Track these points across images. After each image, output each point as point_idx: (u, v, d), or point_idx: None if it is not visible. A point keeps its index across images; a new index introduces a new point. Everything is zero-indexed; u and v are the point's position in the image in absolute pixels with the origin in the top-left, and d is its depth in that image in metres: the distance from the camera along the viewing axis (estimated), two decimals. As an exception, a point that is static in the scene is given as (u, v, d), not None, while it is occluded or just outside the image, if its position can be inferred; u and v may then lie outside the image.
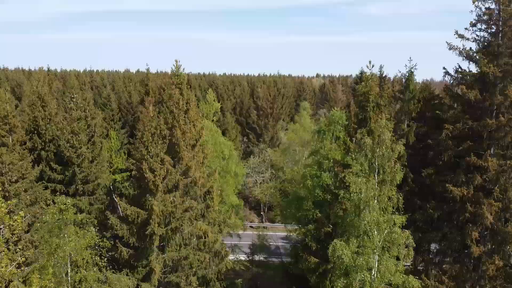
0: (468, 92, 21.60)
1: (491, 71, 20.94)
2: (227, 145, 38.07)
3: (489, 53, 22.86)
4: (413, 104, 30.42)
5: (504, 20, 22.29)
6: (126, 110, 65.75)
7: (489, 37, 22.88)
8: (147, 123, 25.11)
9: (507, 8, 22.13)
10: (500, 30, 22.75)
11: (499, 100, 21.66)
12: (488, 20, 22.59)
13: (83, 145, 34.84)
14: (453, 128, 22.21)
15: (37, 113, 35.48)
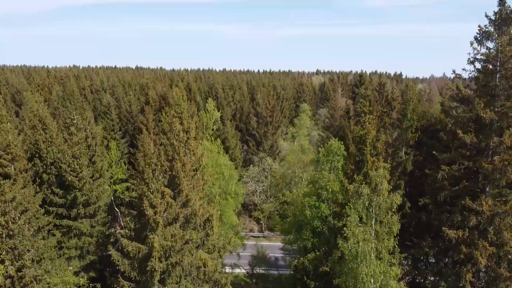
0: (464, 136, 21.85)
1: (487, 116, 21.18)
2: (227, 166, 38.40)
3: (486, 93, 23.08)
4: (411, 132, 30.65)
5: (502, 62, 22.46)
6: (126, 119, 65.98)
7: (486, 77, 23.06)
8: (148, 159, 25.34)
9: (505, 49, 22.28)
10: (497, 70, 22.94)
11: (495, 143, 21.92)
12: (485, 61, 22.74)
13: (84, 169, 35.16)
14: (449, 169, 22.48)
15: (38, 136, 35.71)
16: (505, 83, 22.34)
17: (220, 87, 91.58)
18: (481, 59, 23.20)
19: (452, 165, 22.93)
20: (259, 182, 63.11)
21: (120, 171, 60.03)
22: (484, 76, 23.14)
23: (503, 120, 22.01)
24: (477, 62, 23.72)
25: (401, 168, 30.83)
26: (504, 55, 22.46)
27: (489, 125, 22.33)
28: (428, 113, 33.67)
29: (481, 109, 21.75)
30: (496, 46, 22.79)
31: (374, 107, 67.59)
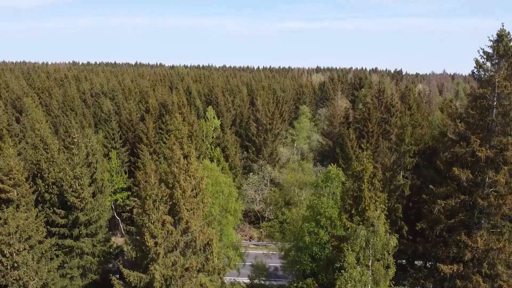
0: (460, 173, 22.19)
1: (483, 155, 21.51)
2: (226, 183, 38.75)
3: (483, 127, 23.38)
4: (409, 156, 30.99)
5: (499, 98, 22.75)
6: (126, 127, 66.26)
7: (483, 112, 23.35)
8: (149, 191, 25.72)
9: (502, 85, 22.55)
10: (494, 105, 23.23)
11: (490, 178, 22.27)
12: (482, 97, 23.02)
13: (85, 189, 35.54)
14: (445, 203, 22.87)
15: (39, 156, 36.05)
16: (502, 120, 22.65)
17: (220, 91, 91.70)
18: (477, 95, 23.46)
19: (448, 199, 23.30)
20: (259, 190, 63.67)
21: (120, 180, 60.44)
22: (481, 112, 23.43)
23: (499, 156, 22.34)
24: (475, 96, 23.95)
25: (399, 191, 31.24)
26: (501, 90, 22.72)
27: (485, 161, 22.68)
28: (426, 136, 33.95)
29: (477, 147, 22.08)
30: (493, 81, 23.04)
31: (373, 115, 68.04)
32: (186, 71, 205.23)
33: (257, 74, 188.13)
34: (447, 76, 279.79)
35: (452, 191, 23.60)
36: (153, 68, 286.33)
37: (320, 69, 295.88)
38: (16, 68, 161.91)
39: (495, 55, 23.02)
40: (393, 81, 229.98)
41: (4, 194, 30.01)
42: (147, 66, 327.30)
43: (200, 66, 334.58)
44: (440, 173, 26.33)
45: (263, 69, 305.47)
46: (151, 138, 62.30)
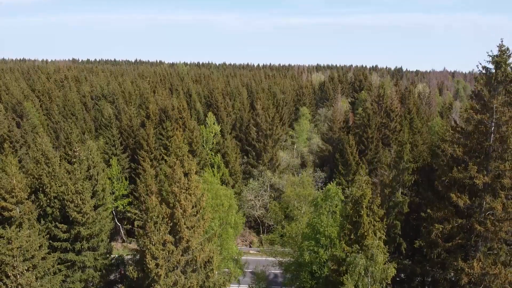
0: (458, 200, 22.48)
1: (480, 182, 21.78)
2: (227, 195, 39.05)
3: (480, 152, 23.62)
4: (407, 175, 31.26)
5: (497, 124, 22.97)
6: (127, 133, 66.49)
7: (481, 137, 23.59)
8: (150, 214, 26.02)
9: (500, 110, 22.76)
10: (492, 131, 23.46)
11: (488, 204, 22.55)
12: (480, 123, 23.24)
13: (87, 203, 35.82)
14: (443, 228, 23.18)
15: (41, 171, 36.30)
16: (500, 146, 22.89)
17: (220, 94, 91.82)
18: (475, 121, 23.69)
19: (445, 223, 23.60)
20: (259, 196, 64.05)
21: (121, 187, 60.81)
22: (479, 138, 23.68)
23: (496, 182, 22.61)
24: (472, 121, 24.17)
25: (397, 208, 31.55)
26: (499, 116, 22.95)
27: (483, 186, 22.95)
28: (425, 153, 34.20)
29: (475, 173, 22.35)
30: (492, 107, 23.26)
31: (372, 121, 68.26)
32: (186, 70, 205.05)
33: (257, 74, 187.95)
34: (447, 74, 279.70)
35: (450, 215, 23.90)
36: (153, 66, 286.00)
37: (320, 67, 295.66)
38: (15, 68, 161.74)
39: (494, 81, 23.20)
40: (393, 80, 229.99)
41: (7, 212, 30.30)
42: (146, 63, 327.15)
43: (200, 63, 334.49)
44: (438, 193, 26.62)
45: (263, 66, 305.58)
46: (152, 145, 62.57)
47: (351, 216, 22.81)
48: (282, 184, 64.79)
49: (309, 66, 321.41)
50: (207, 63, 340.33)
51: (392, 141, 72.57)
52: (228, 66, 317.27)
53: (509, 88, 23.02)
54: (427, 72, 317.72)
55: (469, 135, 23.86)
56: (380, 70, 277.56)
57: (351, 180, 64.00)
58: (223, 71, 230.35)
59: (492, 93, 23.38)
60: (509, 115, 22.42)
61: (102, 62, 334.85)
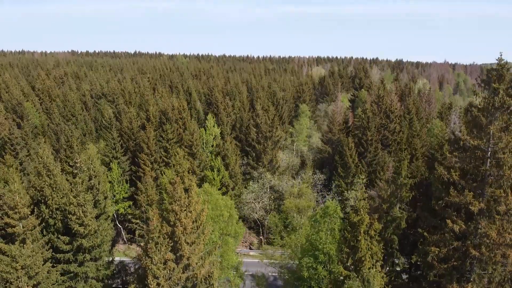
0: (454, 226, 22.88)
1: (476, 209, 22.15)
2: (227, 206, 39.48)
3: (476, 176, 23.94)
4: (405, 191, 31.63)
5: (493, 150, 23.25)
6: (127, 136, 66.73)
7: (477, 162, 23.88)
8: (151, 234, 26.44)
9: (497, 136, 23.01)
10: (488, 156, 23.75)
11: (483, 229, 22.95)
12: (476, 148, 23.51)
13: (89, 215, 36.27)
14: (438, 251, 23.62)
15: (43, 184, 36.67)
16: (496, 171, 23.19)
17: (219, 93, 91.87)
18: (472, 147, 23.95)
19: (441, 247, 24.04)
20: (259, 198, 64.51)
21: (122, 190, 61.26)
22: (475, 162, 23.97)
23: (492, 208, 22.98)
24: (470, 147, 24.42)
25: (395, 223, 31.99)
26: (494, 142, 23.22)
27: (478, 214, 23.33)
28: (422, 168, 34.51)
29: (471, 198, 22.70)
30: (488, 132, 23.50)
31: (372, 124, 68.44)
32: (186, 64, 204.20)
33: (256, 68, 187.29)
34: (448, 67, 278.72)
35: (446, 239, 24.32)
36: (152, 59, 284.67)
37: (320, 60, 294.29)
38: (15, 63, 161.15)
39: (491, 107, 23.42)
40: (394, 72, 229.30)
41: (10, 228, 30.79)
42: (146, 55, 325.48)
43: (199, 55, 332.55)
44: (434, 212, 27.01)
45: (263, 59, 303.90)
46: (152, 147, 62.91)
47: (349, 240, 23.24)
48: (282, 186, 65.25)
49: (310, 58, 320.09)
50: (207, 55, 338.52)
51: (391, 142, 72.96)
52: (228, 58, 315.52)
53: (505, 115, 23.25)
54: (428, 64, 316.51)
55: (466, 160, 24.15)
56: (381, 62, 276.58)
57: (350, 182, 64.54)
58: (222, 64, 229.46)
59: (490, 118, 23.62)
60: (505, 142, 22.69)
61: (101, 54, 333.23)
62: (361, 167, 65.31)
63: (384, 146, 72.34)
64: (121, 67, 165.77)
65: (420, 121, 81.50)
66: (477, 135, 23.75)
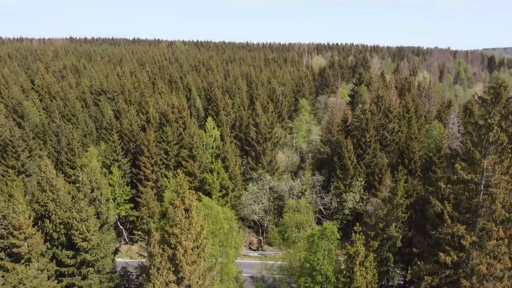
0: (446, 258, 23.62)
1: (467, 243, 22.85)
2: (227, 218, 40.28)
3: (469, 207, 24.59)
4: (401, 212, 32.34)
5: (486, 184, 23.84)
6: (128, 138, 67.17)
7: (470, 195, 24.47)
8: (153, 261, 27.22)
9: (490, 169, 23.57)
10: (481, 189, 24.35)
11: (475, 260, 23.71)
12: (470, 181, 24.06)
13: (92, 229, 37.09)
14: (431, 280, 24.44)
15: (46, 199, 37.36)
16: (488, 205, 23.81)
17: (219, 90, 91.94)
18: (466, 180, 24.50)
19: (434, 275, 24.86)
20: (258, 199, 65.37)
21: (123, 193, 62.04)
22: (469, 195, 24.58)
23: (483, 240, 23.68)
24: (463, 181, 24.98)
25: (391, 242, 32.80)
26: (488, 175, 23.78)
27: (470, 247, 24.05)
28: (418, 187, 35.14)
29: (463, 231, 23.38)
30: (482, 166, 24.03)
31: (370, 125, 68.80)
32: (185, 52, 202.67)
33: (256, 57, 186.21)
34: (448, 54, 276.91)
35: (438, 268, 25.13)
36: (151, 46, 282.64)
37: (321, 47, 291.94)
38: (13, 53, 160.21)
39: (485, 142, 23.90)
40: (394, 61, 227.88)
41: (16, 248, 31.61)
42: (145, 42, 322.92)
43: (198, 42, 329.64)
44: (430, 237, 27.77)
45: (263, 46, 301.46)
46: (152, 150, 63.46)
47: (345, 270, 24.04)
48: (281, 188, 66.06)
49: (310, 45, 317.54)
50: (206, 41, 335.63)
51: (390, 142, 73.50)
52: (228, 45, 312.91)
53: (499, 148, 23.74)
54: (429, 51, 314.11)
55: (459, 191, 24.76)
56: (381, 50, 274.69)
57: (349, 184, 65.33)
58: (222, 52, 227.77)
59: (484, 152, 24.12)
60: (498, 177, 23.25)
61: (100, 41, 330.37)
62: (359, 169, 65.97)
63: (382, 146, 72.92)
64: (120, 57, 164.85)
65: (420, 120, 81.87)
66: (471, 169, 24.29)
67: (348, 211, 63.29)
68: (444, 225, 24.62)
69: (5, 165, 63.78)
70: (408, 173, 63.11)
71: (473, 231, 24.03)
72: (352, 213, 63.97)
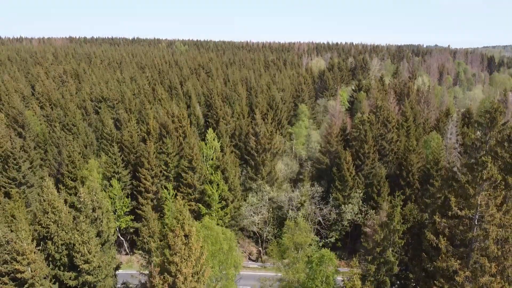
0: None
1: (461, 279, 23.45)
2: (227, 238, 40.87)
3: (463, 242, 25.14)
4: (397, 237, 32.90)
5: (480, 221, 24.38)
6: (128, 150, 67.65)
7: (466, 227, 25.03)
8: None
9: (486, 204, 24.08)
10: (475, 224, 24.88)
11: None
12: (464, 217, 24.62)
13: (93, 250, 37.70)
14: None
15: (49, 221, 37.91)
16: (482, 240, 24.37)
17: (218, 97, 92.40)
18: (460, 216, 25.06)
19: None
20: (257, 210, 65.97)
21: (123, 205, 62.59)
22: (463, 229, 25.13)
23: (476, 275, 24.27)
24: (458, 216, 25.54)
25: (388, 266, 33.40)
26: (481, 211, 24.33)
27: (464, 278, 24.65)
28: (414, 211, 35.67)
29: (457, 266, 23.97)
30: (476, 203, 24.57)
31: (369, 137, 69.30)
32: (184, 56, 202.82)
33: (256, 59, 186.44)
34: (448, 54, 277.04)
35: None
36: (151, 46, 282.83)
37: (320, 48, 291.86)
38: (13, 56, 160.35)
39: (479, 179, 24.41)
40: (394, 63, 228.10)
41: (19, 274, 32.21)
42: (144, 42, 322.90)
43: (198, 41, 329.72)
44: (425, 270, 28.38)
45: (262, 46, 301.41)
46: (152, 162, 64.00)
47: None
48: (280, 199, 66.66)
49: (310, 44, 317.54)
50: (206, 41, 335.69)
51: (388, 152, 74.05)
52: (228, 44, 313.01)
53: (493, 185, 24.27)
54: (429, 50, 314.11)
55: (454, 226, 25.32)
56: (381, 51, 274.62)
57: (348, 195, 65.90)
58: (222, 54, 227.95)
59: (478, 189, 24.66)
60: (491, 213, 23.80)
61: (99, 41, 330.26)
62: (358, 180, 66.54)
63: (381, 156, 73.46)
64: (120, 60, 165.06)
65: (418, 128, 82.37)
66: (465, 205, 24.85)
67: (347, 222, 63.89)
68: (439, 258, 25.19)
69: (7, 176, 64.39)
70: (406, 186, 64.02)
71: (466, 266, 24.61)
72: (350, 224, 64.59)
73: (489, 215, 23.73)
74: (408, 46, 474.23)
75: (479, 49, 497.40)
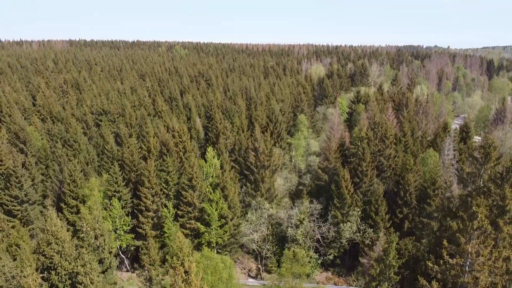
0: None
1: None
2: (226, 267, 41.73)
3: (454, 286, 25.95)
4: (393, 273, 33.73)
5: (471, 267, 25.20)
6: (129, 168, 68.41)
7: (457, 274, 25.84)
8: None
9: (477, 252, 24.90)
10: (466, 270, 25.71)
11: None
12: (457, 265, 25.41)
13: (95, 279, 38.56)
14: None
15: (52, 252, 38.73)
16: (473, 286, 25.19)
17: (218, 110, 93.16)
18: (451, 264, 25.88)
19: None
20: (257, 227, 66.77)
21: (124, 223, 63.34)
22: (454, 274, 25.96)
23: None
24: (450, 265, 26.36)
25: (383, 300, 34.28)
26: (472, 258, 25.15)
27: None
28: (410, 245, 36.51)
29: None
30: (467, 250, 25.39)
31: (367, 155, 70.06)
32: (184, 61, 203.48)
33: (256, 65, 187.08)
34: (447, 58, 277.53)
35: None
36: (151, 50, 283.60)
37: (320, 52, 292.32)
38: (13, 63, 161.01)
39: (469, 229, 25.23)
40: (393, 68, 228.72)
41: (24, 308, 33.03)
42: (144, 45, 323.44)
43: (198, 44, 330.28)
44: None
45: (262, 50, 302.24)
46: (153, 181, 64.76)
47: None
48: (279, 216, 67.46)
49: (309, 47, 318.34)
50: (205, 43, 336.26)
51: (386, 168, 74.84)
52: (227, 48, 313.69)
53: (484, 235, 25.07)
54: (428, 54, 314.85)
55: (446, 272, 26.14)
56: (381, 55, 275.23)
57: (346, 213, 66.69)
58: (221, 58, 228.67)
59: (467, 236, 25.47)
60: (482, 262, 24.62)
61: (99, 43, 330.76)
62: (356, 198, 67.34)
63: (379, 172, 74.28)
64: (120, 68, 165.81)
65: (416, 143, 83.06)
66: (456, 253, 25.67)
67: (345, 240, 64.68)
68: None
69: (9, 195, 65.27)
70: (403, 205, 64.85)
71: None
72: (349, 242, 65.38)
73: (479, 264, 24.55)
74: (408, 48, 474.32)
75: (478, 50, 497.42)
